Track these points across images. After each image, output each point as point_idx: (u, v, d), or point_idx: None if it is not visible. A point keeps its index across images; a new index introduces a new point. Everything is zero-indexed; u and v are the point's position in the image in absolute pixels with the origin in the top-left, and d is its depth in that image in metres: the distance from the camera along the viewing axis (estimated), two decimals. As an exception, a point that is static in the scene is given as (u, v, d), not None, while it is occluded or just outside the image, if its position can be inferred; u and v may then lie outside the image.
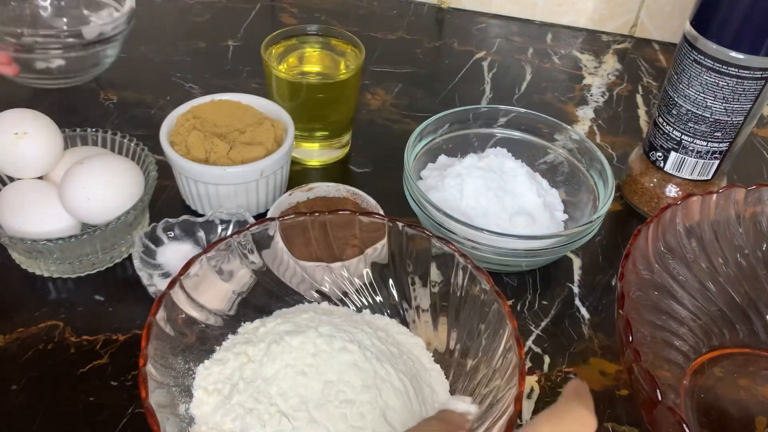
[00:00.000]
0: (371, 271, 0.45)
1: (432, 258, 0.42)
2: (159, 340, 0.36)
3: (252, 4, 0.84)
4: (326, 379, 0.36)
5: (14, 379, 0.43)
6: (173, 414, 0.36)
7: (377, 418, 0.36)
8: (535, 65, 0.77)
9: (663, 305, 0.44)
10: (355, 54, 0.59)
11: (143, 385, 0.33)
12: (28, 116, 0.49)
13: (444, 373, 0.41)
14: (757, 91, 0.49)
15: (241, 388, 0.37)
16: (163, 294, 0.37)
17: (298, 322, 0.40)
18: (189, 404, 0.37)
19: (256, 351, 0.38)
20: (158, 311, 0.36)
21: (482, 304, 0.39)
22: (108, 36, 0.64)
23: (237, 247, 0.41)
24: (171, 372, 0.37)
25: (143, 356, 0.34)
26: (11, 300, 0.48)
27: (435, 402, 0.39)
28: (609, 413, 0.44)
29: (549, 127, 0.57)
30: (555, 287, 0.52)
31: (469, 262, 0.40)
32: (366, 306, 0.45)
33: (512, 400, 0.33)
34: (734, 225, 0.46)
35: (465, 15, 0.86)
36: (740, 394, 0.44)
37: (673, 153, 0.54)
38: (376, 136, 0.66)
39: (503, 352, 0.37)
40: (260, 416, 0.35)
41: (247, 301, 0.43)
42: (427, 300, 0.43)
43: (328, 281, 0.45)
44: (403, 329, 0.44)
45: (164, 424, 0.32)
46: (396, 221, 0.42)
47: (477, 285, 0.40)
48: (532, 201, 0.53)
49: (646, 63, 0.79)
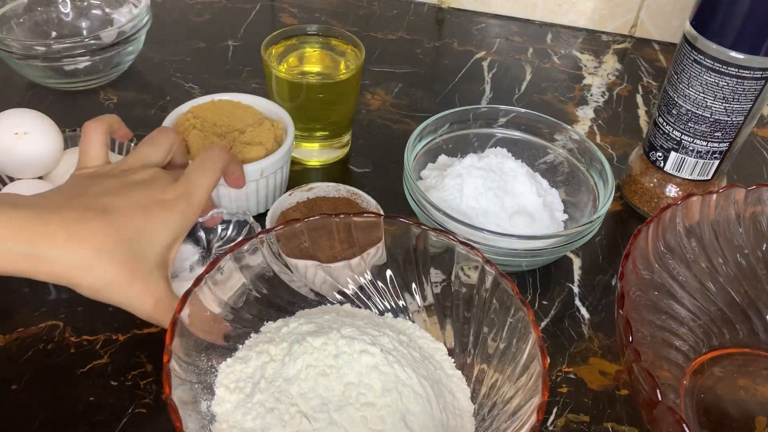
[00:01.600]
0: (394, 274, 0.45)
1: (455, 264, 0.42)
2: (183, 336, 0.36)
3: (252, 4, 0.84)
4: (347, 381, 0.36)
5: (14, 379, 0.43)
6: (195, 411, 0.36)
7: (397, 422, 0.35)
8: (535, 65, 0.77)
9: (663, 305, 0.44)
10: (355, 54, 0.59)
11: (167, 382, 0.33)
12: (28, 116, 0.49)
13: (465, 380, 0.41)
14: (757, 91, 0.49)
15: (263, 387, 0.37)
16: (188, 291, 0.37)
17: (321, 323, 0.40)
18: (211, 402, 0.38)
19: (278, 350, 0.38)
20: (183, 308, 0.36)
21: (506, 312, 0.39)
22: (128, 35, 0.66)
23: (266, 245, 0.41)
24: (194, 369, 0.37)
25: (167, 352, 0.34)
26: (11, 300, 0.48)
27: (456, 408, 0.39)
28: (609, 413, 0.44)
29: (549, 127, 0.57)
30: (555, 287, 0.52)
31: (493, 269, 0.40)
32: (388, 310, 0.45)
33: (535, 409, 0.33)
34: (734, 225, 0.46)
35: (465, 15, 0.86)
36: (740, 394, 0.44)
37: (673, 153, 0.54)
38: (376, 136, 0.66)
39: (527, 361, 0.36)
40: (281, 416, 0.35)
41: (271, 301, 0.43)
42: (449, 305, 0.43)
43: (351, 282, 0.45)
44: (425, 334, 0.44)
45: (186, 420, 0.32)
46: (421, 225, 0.42)
47: (501, 292, 0.39)
48: (532, 201, 0.53)
49: (646, 63, 0.79)
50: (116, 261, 0.38)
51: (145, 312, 0.40)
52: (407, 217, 0.42)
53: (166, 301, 0.40)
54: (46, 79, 0.66)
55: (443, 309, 0.44)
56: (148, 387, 0.43)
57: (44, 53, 0.62)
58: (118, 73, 0.70)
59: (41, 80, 0.67)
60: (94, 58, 0.64)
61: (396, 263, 0.44)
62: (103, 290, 0.38)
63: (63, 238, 0.37)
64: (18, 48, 0.62)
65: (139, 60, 0.71)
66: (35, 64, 0.63)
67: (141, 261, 0.39)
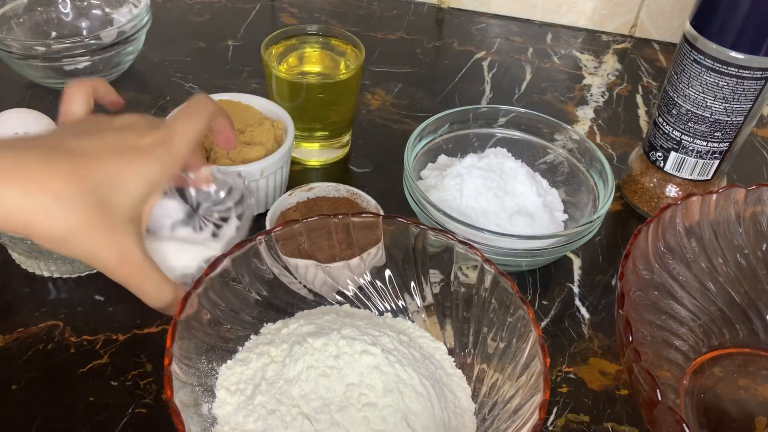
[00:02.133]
0: (393, 275, 0.45)
1: (454, 263, 0.42)
2: (183, 339, 0.36)
3: (252, 4, 0.84)
4: (348, 382, 0.36)
5: (14, 379, 0.43)
6: (197, 413, 0.36)
7: (399, 422, 0.35)
8: (535, 65, 0.77)
9: (663, 305, 0.44)
10: (355, 54, 0.59)
11: (168, 384, 0.32)
12: (28, 116, 0.49)
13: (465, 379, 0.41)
14: (757, 91, 0.49)
15: (264, 389, 0.37)
16: (188, 293, 0.37)
17: (321, 324, 0.40)
18: (212, 404, 0.37)
19: (279, 352, 0.38)
20: (183, 310, 0.36)
21: (506, 311, 0.39)
22: (128, 35, 0.66)
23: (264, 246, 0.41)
24: (195, 371, 0.37)
25: (168, 355, 0.34)
26: (11, 300, 0.48)
27: (457, 407, 0.39)
28: (609, 413, 0.44)
29: (549, 127, 0.57)
30: (555, 287, 0.52)
31: (493, 268, 0.40)
32: (387, 310, 0.45)
33: (537, 408, 0.33)
34: (734, 225, 0.46)
35: (465, 15, 0.86)
36: (740, 394, 0.44)
37: (673, 153, 0.54)
38: (376, 136, 0.66)
39: (527, 359, 0.36)
40: (282, 418, 0.35)
41: (270, 303, 0.43)
42: (449, 305, 0.43)
43: (350, 284, 0.45)
44: (424, 333, 0.44)
45: (188, 423, 0.32)
46: (419, 225, 0.42)
47: (501, 291, 0.40)
48: (532, 201, 0.53)
49: (646, 63, 0.79)
50: (79, 208, 0.33)
51: (108, 267, 0.36)
52: (406, 217, 0.42)
53: (135, 258, 0.36)
54: (46, 79, 0.66)
55: (443, 309, 0.44)
56: (148, 387, 0.43)
57: (44, 53, 0.62)
58: (118, 73, 0.70)
59: (41, 80, 0.67)
60: (94, 58, 0.64)
61: (395, 263, 0.44)
62: (63, 240, 0.34)
63: (18, 178, 0.32)
64: (18, 48, 0.62)
65: (139, 60, 0.71)
66: (35, 64, 0.63)
67: (108, 210, 0.34)
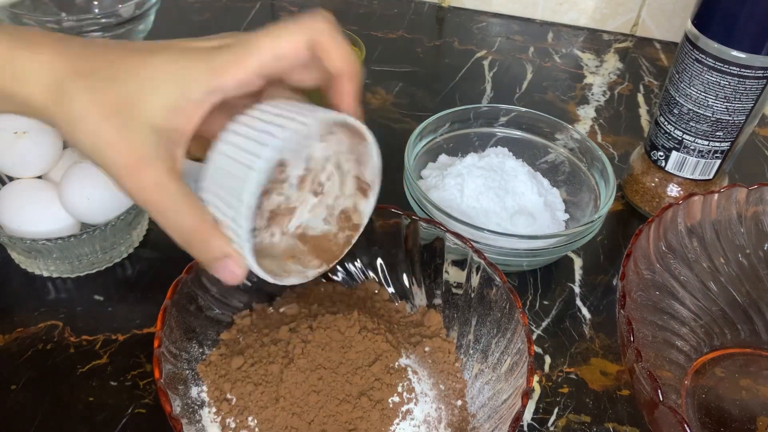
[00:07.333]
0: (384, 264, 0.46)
1: (446, 254, 0.43)
2: (173, 323, 0.37)
3: (252, 4, 0.84)
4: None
5: (14, 379, 0.43)
6: (186, 395, 0.37)
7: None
8: (536, 64, 0.77)
9: (664, 305, 0.44)
10: (355, 53, 0.59)
11: (157, 366, 0.33)
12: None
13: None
14: (759, 90, 0.49)
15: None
16: (179, 279, 0.37)
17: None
18: (202, 387, 0.38)
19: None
20: (174, 295, 0.37)
21: (494, 301, 0.40)
22: (141, 12, 0.66)
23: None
24: (184, 355, 0.38)
25: (158, 338, 0.34)
26: (11, 300, 0.48)
27: None
28: (610, 413, 0.44)
29: (550, 126, 0.57)
30: (556, 287, 0.52)
31: (482, 259, 0.40)
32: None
33: (519, 395, 0.34)
34: (736, 225, 0.46)
35: (465, 14, 0.86)
36: (742, 395, 0.44)
37: (675, 152, 0.54)
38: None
39: (513, 348, 0.38)
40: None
41: (260, 288, 0.44)
42: (440, 294, 0.44)
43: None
44: None
45: (176, 404, 0.33)
46: (411, 216, 0.43)
47: (490, 281, 0.40)
48: (532, 200, 0.52)
49: (647, 62, 0.79)
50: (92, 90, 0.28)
51: (113, 170, 0.29)
52: (398, 208, 0.43)
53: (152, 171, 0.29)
54: None
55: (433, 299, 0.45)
56: (147, 387, 0.43)
57: (57, 30, 0.61)
58: None
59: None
60: (105, 35, 0.64)
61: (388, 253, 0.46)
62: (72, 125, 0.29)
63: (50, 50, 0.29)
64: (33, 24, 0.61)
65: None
66: None
67: (124, 106, 0.29)
